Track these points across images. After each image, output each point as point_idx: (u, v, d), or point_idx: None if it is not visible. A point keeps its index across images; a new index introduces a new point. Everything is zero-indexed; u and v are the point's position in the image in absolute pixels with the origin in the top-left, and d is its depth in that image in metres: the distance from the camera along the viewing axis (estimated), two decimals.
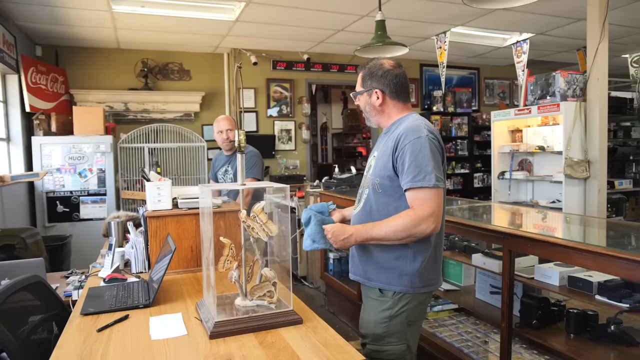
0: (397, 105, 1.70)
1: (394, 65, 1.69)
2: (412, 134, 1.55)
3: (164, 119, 5.53)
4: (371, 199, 1.67)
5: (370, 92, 1.70)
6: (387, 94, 1.68)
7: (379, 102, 1.69)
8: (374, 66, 1.70)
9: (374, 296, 1.67)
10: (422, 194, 1.50)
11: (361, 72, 1.74)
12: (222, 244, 1.50)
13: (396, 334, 1.62)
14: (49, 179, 4.47)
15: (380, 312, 1.63)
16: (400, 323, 1.63)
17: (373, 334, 1.64)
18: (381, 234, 1.55)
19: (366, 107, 1.73)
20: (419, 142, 1.53)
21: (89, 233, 4.51)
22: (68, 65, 5.23)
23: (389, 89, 1.68)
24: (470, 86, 7.18)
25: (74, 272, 2.63)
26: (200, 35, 5.05)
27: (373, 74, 1.69)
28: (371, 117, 1.75)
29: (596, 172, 3.93)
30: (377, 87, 1.68)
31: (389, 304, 1.62)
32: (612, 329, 2.02)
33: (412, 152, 1.52)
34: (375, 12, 4.24)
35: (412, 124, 1.60)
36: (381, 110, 1.71)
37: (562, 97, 4.02)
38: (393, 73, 1.67)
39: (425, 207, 1.49)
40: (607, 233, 2.36)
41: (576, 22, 4.92)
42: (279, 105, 6.19)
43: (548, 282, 2.11)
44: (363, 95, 1.73)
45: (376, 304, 1.65)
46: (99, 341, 1.37)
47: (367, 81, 1.70)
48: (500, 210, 3.32)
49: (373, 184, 1.66)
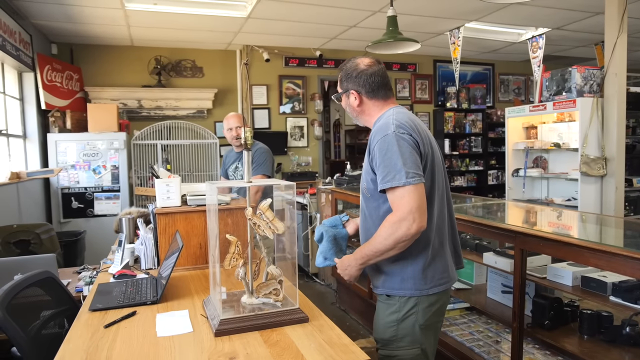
0: (376, 103, 1.66)
1: (369, 64, 1.65)
2: (379, 134, 1.52)
3: (177, 115, 5.57)
4: (363, 204, 1.66)
5: (347, 93, 1.68)
6: (363, 95, 1.65)
7: (357, 102, 1.66)
8: (349, 67, 1.67)
9: (382, 300, 1.63)
10: (395, 194, 1.45)
11: (339, 74, 1.72)
12: (228, 242, 1.49)
13: (406, 338, 1.57)
14: (64, 175, 4.54)
15: (387, 316, 1.59)
16: (409, 327, 1.56)
17: (382, 338, 1.61)
18: (372, 251, 1.51)
19: (347, 108, 1.72)
20: (385, 140, 1.49)
21: (102, 229, 4.57)
22: (83, 63, 5.30)
23: (364, 89, 1.64)
24: (485, 82, 7.08)
25: (85, 268, 2.66)
26: (213, 32, 5.06)
27: (349, 76, 1.66)
28: (354, 118, 1.74)
29: (613, 169, 3.84)
30: (353, 88, 1.66)
31: (396, 307, 1.58)
32: (627, 330, 1.97)
33: (379, 153, 1.49)
34: (387, 8, 4.21)
35: (380, 123, 1.57)
36: (361, 111, 1.69)
37: (578, 92, 3.94)
38: (367, 72, 1.63)
39: (401, 207, 1.43)
40: (624, 232, 2.31)
41: (594, 16, 4.81)
42: (291, 102, 6.18)
43: (561, 282, 2.06)
44: (342, 97, 1.71)
45: (384, 307, 1.62)
46: (105, 337, 1.38)
47: (343, 83, 1.68)
48: (514, 208, 3.27)
49: (362, 189, 1.65)
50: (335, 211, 4.26)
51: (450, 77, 6.67)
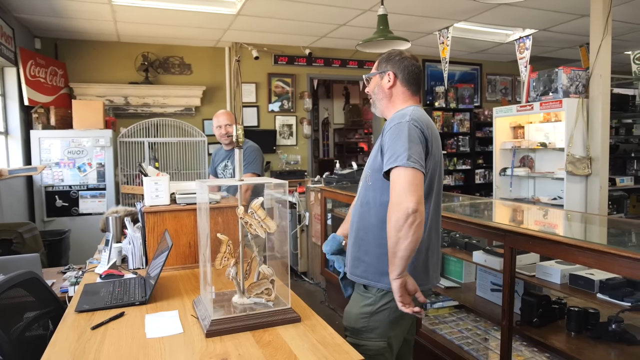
0: (405, 93, 1.69)
1: (412, 56, 1.71)
2: (394, 121, 1.55)
3: (165, 113, 5.50)
4: (362, 192, 1.68)
5: (383, 74, 1.70)
6: (398, 79, 1.68)
7: (390, 84, 1.69)
8: (392, 52, 1.73)
9: (359, 291, 1.67)
10: (394, 175, 1.46)
11: (379, 58, 1.76)
12: (219, 241, 1.47)
13: (376, 330, 1.61)
14: (47, 173, 4.45)
15: (361, 307, 1.63)
16: (381, 320, 1.61)
17: (353, 327, 1.65)
18: (391, 254, 1.46)
19: (375, 89, 1.73)
20: (398, 127, 1.52)
21: (88, 228, 4.49)
22: (67, 59, 5.20)
23: (402, 74, 1.68)
24: (473, 82, 7.13)
25: (70, 268, 2.61)
26: (202, 29, 5.01)
27: (390, 58, 1.71)
28: (377, 102, 1.74)
29: (598, 169, 3.89)
30: (391, 69, 1.69)
31: (371, 300, 1.62)
32: (613, 327, 2.00)
33: (390, 137, 1.52)
34: (377, 7, 4.20)
35: (398, 113, 1.60)
36: (389, 94, 1.70)
37: (564, 93, 3.98)
38: (409, 61, 1.69)
39: (396, 190, 1.43)
40: (609, 231, 2.34)
41: (579, 19, 4.87)
42: (280, 100, 6.16)
43: (549, 280, 2.08)
44: (375, 77, 1.73)
45: (359, 298, 1.66)
46: (92, 339, 1.35)
47: (382, 64, 1.72)
48: (502, 207, 3.30)
49: (366, 176, 1.67)
50: (325, 210, 4.26)
51: (439, 77, 6.71)
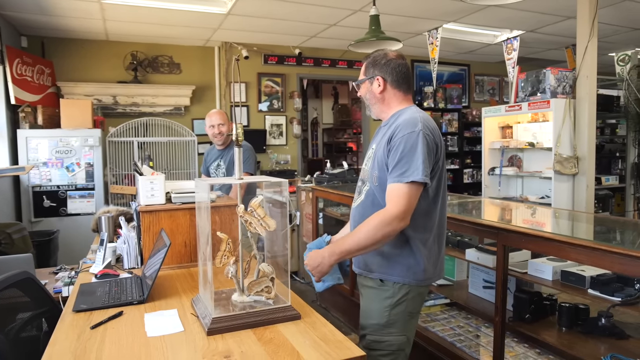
0: (397, 95, 1.70)
1: (397, 55, 1.71)
2: (407, 128, 1.55)
3: (154, 112, 5.45)
4: (370, 192, 1.67)
5: (372, 79, 1.70)
6: (388, 82, 1.69)
7: (380, 89, 1.69)
8: (377, 55, 1.72)
9: (375, 285, 1.66)
10: (401, 190, 1.50)
11: (365, 62, 1.75)
12: (219, 239, 1.48)
13: (397, 324, 1.62)
14: (35, 173, 4.38)
15: (382, 301, 1.63)
16: (400, 313, 1.62)
17: (376, 323, 1.64)
18: (354, 245, 1.55)
19: (367, 95, 1.74)
20: (412, 136, 1.52)
21: (76, 228, 4.44)
22: (55, 57, 5.12)
23: (390, 77, 1.68)
24: (461, 82, 7.21)
25: (63, 268, 2.58)
26: (191, 28, 4.98)
27: (376, 62, 1.70)
28: (372, 106, 1.75)
29: (584, 168, 3.97)
30: (379, 74, 1.69)
31: (390, 292, 1.62)
32: (603, 322, 2.05)
33: (404, 146, 1.52)
34: (368, 7, 4.23)
35: (409, 116, 1.59)
36: (382, 99, 1.71)
37: (552, 94, 4.05)
38: (396, 62, 1.69)
39: (399, 205, 1.49)
40: (599, 228, 2.39)
41: (566, 20, 4.96)
42: (270, 99, 6.15)
43: (541, 276, 2.13)
44: (365, 83, 1.73)
45: (376, 292, 1.65)
46: (93, 338, 1.35)
47: (369, 69, 1.71)
48: (493, 205, 3.35)
49: (372, 177, 1.66)
50: (316, 209, 4.27)
51: (427, 77, 6.77)
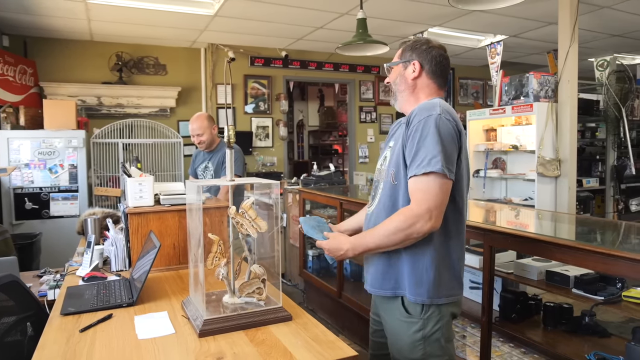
0: (430, 86, 1.53)
1: (440, 46, 1.56)
2: (422, 114, 1.39)
3: (139, 114, 5.40)
4: (386, 192, 1.51)
5: (407, 63, 1.54)
6: (425, 70, 1.53)
7: (415, 75, 1.53)
8: (418, 40, 1.57)
9: (401, 317, 1.47)
10: (421, 183, 1.34)
11: (402, 47, 1.59)
12: (210, 241, 1.48)
13: (437, 352, 1.45)
14: (17, 174, 4.30)
15: (411, 335, 1.45)
16: (436, 341, 1.45)
17: (411, 358, 1.46)
18: (375, 242, 1.42)
19: (398, 79, 1.57)
20: (428, 121, 1.37)
21: (59, 231, 4.36)
22: (37, 57, 5.04)
23: (429, 65, 1.52)
24: (446, 85, 7.29)
25: (47, 271, 2.54)
26: (178, 29, 4.95)
27: (415, 47, 1.55)
28: (399, 94, 1.58)
29: (566, 170, 4.06)
30: (417, 59, 1.53)
31: (419, 324, 1.44)
32: (586, 320, 2.10)
33: (420, 134, 1.37)
34: (354, 11, 4.27)
35: (424, 104, 1.45)
36: (413, 86, 1.54)
37: (535, 97, 4.13)
38: (437, 51, 1.54)
39: (423, 201, 1.33)
40: (582, 229, 2.45)
41: (547, 26, 5.07)
42: (256, 101, 6.14)
43: (527, 276, 2.17)
44: (398, 66, 1.57)
45: (404, 326, 1.47)
46: (82, 342, 1.33)
47: (407, 52, 1.56)
48: (478, 207, 3.39)
49: (389, 176, 1.50)
50: (303, 211, 4.27)
51: None
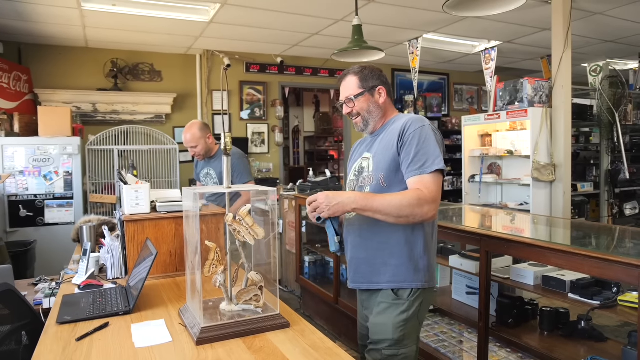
0: (391, 104, 1.74)
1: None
2: (416, 124, 1.57)
3: (134, 120, 5.39)
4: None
5: (373, 90, 1.69)
6: (386, 91, 1.71)
7: (383, 99, 1.70)
8: (371, 68, 1.72)
9: (387, 300, 1.61)
10: (428, 178, 1.51)
11: (355, 76, 1.70)
12: (207, 248, 1.47)
13: (411, 335, 1.60)
14: (11, 182, 4.27)
15: (397, 316, 1.59)
16: (414, 324, 1.61)
17: (392, 339, 1.58)
18: (384, 205, 1.49)
19: (370, 107, 1.69)
20: (423, 130, 1.55)
21: (54, 238, 4.33)
22: (32, 64, 5.03)
23: (387, 87, 1.71)
24: (440, 91, 7.34)
25: (42, 280, 2.52)
26: (173, 36, 4.96)
27: (373, 74, 1.70)
28: (371, 119, 1.70)
29: (561, 175, 4.08)
30: (380, 84, 1.69)
31: (405, 305, 1.59)
32: (582, 325, 2.10)
33: (418, 140, 1.54)
34: (349, 17, 4.29)
35: (413, 116, 1.63)
36: (383, 109, 1.71)
37: (529, 103, 4.16)
38: (383, 73, 1.74)
39: (432, 191, 1.50)
40: (578, 234, 2.46)
41: (541, 32, 5.12)
42: (251, 107, 6.15)
43: (523, 281, 2.17)
44: (365, 96, 1.68)
45: (391, 307, 1.60)
46: (79, 350, 1.32)
47: (368, 81, 1.69)
48: (474, 212, 3.41)
49: (377, 179, 1.62)
50: (300, 217, 4.27)
51: (408, 86, 6.87)
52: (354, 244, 1.70)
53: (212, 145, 3.17)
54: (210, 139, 3.12)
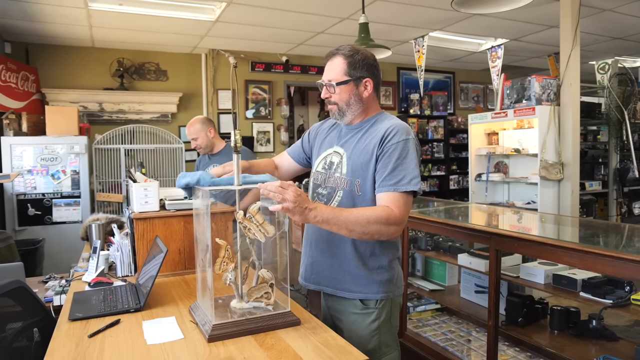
0: (375, 99, 1.59)
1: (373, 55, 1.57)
2: (401, 135, 1.47)
3: (140, 119, 5.41)
4: (347, 202, 1.54)
5: (359, 81, 1.52)
6: (373, 85, 1.54)
7: (367, 93, 1.53)
8: (365, 54, 1.52)
9: (356, 310, 1.56)
10: (403, 199, 1.43)
11: (344, 60, 1.51)
12: (217, 246, 1.47)
13: (388, 342, 1.58)
14: (19, 181, 4.30)
15: (368, 326, 1.55)
16: (388, 330, 1.58)
17: (367, 350, 1.51)
18: (350, 219, 1.37)
19: (351, 100, 1.53)
20: (407, 144, 1.46)
21: (62, 236, 4.35)
22: (39, 64, 5.05)
23: (375, 80, 1.54)
24: (446, 90, 7.31)
25: (52, 277, 2.53)
26: (179, 35, 4.97)
27: (365, 62, 1.51)
28: (348, 113, 1.55)
29: (569, 174, 4.06)
30: (368, 76, 1.52)
31: (375, 314, 1.55)
32: (594, 324, 2.09)
33: (399, 154, 1.45)
34: (355, 15, 4.29)
35: (398, 123, 1.51)
36: (366, 103, 1.55)
37: (537, 101, 4.14)
38: (378, 66, 1.56)
39: (402, 211, 1.42)
40: (589, 232, 2.45)
41: (548, 29, 5.09)
42: (257, 107, 6.15)
43: (533, 280, 2.16)
44: (348, 85, 1.51)
45: (360, 318, 1.56)
46: (92, 347, 1.32)
47: (357, 69, 1.50)
48: (482, 211, 3.39)
49: (352, 185, 1.53)
50: None
51: (413, 85, 6.85)
52: (319, 247, 1.63)
53: (215, 141, 3.19)
54: (211, 133, 3.15)
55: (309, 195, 1.73)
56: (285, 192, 1.31)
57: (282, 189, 1.32)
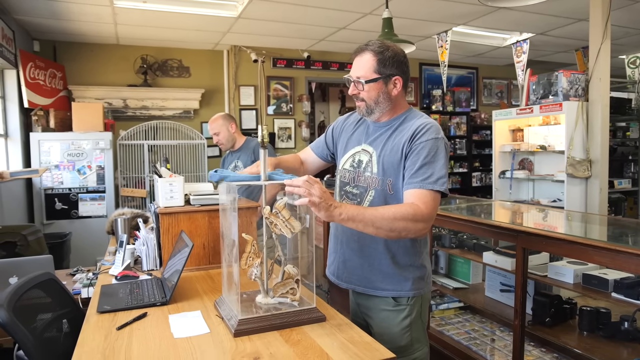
0: (403, 96, 1.55)
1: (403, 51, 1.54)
2: (431, 133, 1.45)
3: (163, 115, 5.47)
4: (379, 202, 1.54)
5: (388, 79, 1.48)
6: (403, 83, 1.51)
7: (396, 91, 1.50)
8: (395, 50, 1.48)
9: (387, 307, 1.57)
10: (430, 196, 1.41)
11: (374, 57, 1.47)
12: (243, 241, 1.47)
13: (419, 338, 1.59)
14: (47, 175, 4.40)
15: (400, 322, 1.56)
16: (419, 326, 1.59)
17: (398, 346, 1.53)
18: (376, 216, 1.35)
19: (380, 98, 1.50)
20: (436, 143, 1.45)
21: (87, 230, 4.45)
22: (66, 61, 5.16)
23: (405, 77, 1.51)
24: (469, 85, 7.20)
25: (79, 270, 2.58)
26: (201, 31, 5.00)
27: (395, 59, 1.47)
28: (377, 111, 1.53)
29: (597, 171, 3.95)
30: (398, 74, 1.49)
31: (407, 310, 1.56)
32: (625, 326, 2.03)
33: (428, 152, 1.43)
34: (378, 10, 4.25)
35: (429, 121, 1.50)
36: (394, 101, 1.52)
37: (564, 96, 4.04)
38: (408, 63, 1.53)
39: (430, 207, 1.40)
40: (620, 231, 2.37)
41: (576, 23, 4.95)
42: (278, 103, 6.16)
43: (562, 279, 2.11)
44: (378, 83, 1.48)
45: (392, 315, 1.57)
46: (120, 339, 1.34)
47: (387, 66, 1.47)
48: (507, 208, 3.33)
49: (383, 184, 1.52)
50: None
51: (435, 80, 6.76)
52: (350, 247, 1.63)
53: (236, 136, 3.21)
54: (233, 128, 3.18)
55: (335, 192, 1.74)
56: (312, 187, 1.31)
57: (308, 183, 1.32)
